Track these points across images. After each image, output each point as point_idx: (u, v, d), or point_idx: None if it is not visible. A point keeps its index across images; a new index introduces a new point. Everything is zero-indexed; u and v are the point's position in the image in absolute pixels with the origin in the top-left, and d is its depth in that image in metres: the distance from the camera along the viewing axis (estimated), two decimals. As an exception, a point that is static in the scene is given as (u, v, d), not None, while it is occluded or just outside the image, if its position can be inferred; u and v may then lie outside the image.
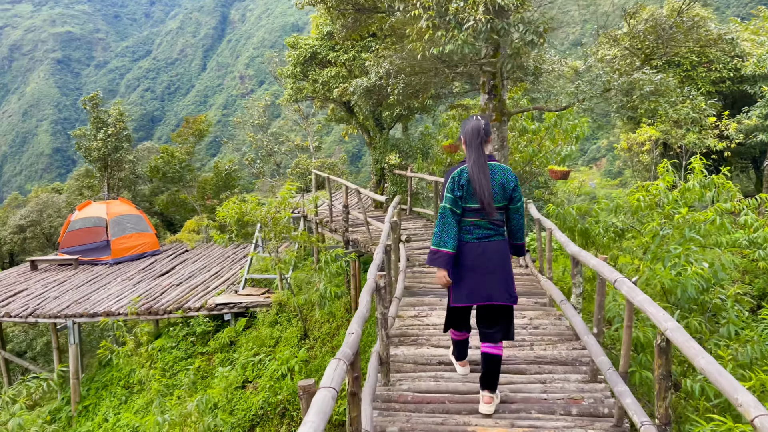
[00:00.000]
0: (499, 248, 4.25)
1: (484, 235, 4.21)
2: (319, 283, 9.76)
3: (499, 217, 4.24)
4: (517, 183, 4.26)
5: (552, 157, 12.82)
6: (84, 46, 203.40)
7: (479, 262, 4.18)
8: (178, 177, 19.92)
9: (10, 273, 15.46)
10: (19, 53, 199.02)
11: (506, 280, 4.28)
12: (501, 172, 4.21)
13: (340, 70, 11.98)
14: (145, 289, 13.37)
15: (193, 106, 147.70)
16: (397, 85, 10.01)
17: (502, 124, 8.94)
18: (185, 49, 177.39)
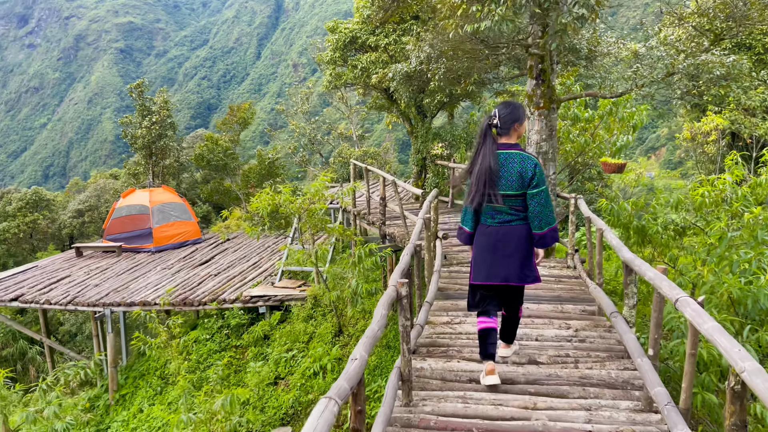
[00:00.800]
0: (519, 232, 4.42)
1: (505, 220, 4.42)
2: (352, 279, 9.31)
3: (519, 203, 4.38)
4: (537, 171, 4.32)
5: (606, 148, 11.93)
6: (145, 35, 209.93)
7: (498, 245, 4.43)
8: (222, 165, 19.86)
9: (56, 259, 15.74)
10: (84, 43, 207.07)
11: (523, 263, 4.44)
12: (520, 160, 4.31)
13: (380, 55, 11.42)
14: (183, 279, 13.28)
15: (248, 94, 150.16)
16: (437, 70, 9.38)
17: (551, 111, 8.21)
18: (240, 37, 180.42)
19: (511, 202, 4.36)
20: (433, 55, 9.66)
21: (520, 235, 4.41)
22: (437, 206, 8.14)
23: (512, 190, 4.31)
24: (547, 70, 8.05)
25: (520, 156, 4.33)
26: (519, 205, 4.38)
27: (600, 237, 6.12)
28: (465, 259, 8.44)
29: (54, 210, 35.12)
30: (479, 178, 4.29)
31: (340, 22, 12.51)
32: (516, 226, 4.41)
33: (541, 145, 8.22)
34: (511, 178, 4.29)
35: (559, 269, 8.00)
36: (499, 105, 4.49)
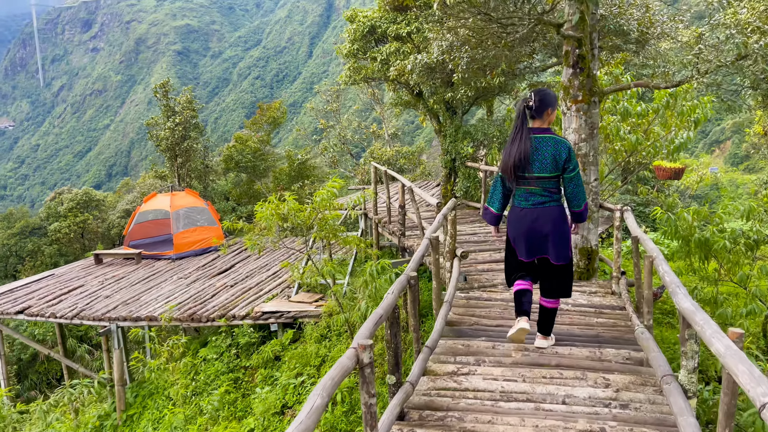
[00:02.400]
0: (554, 213, 4.63)
1: (539, 202, 4.61)
2: (361, 300, 8.19)
3: (553, 184, 4.61)
4: (570, 154, 4.56)
5: (663, 146, 10.36)
6: (201, 37, 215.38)
7: (534, 227, 4.62)
8: (251, 166, 19.16)
9: (74, 267, 15.31)
10: (144, 46, 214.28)
11: (559, 243, 4.66)
12: (554, 144, 4.54)
13: (400, 46, 10.26)
14: (197, 290, 12.50)
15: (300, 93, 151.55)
16: (460, 59, 8.13)
17: (592, 106, 6.84)
18: (293, 37, 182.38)
19: (544, 184, 4.58)
20: (456, 43, 8.41)
21: (555, 216, 4.63)
22: (455, 219, 6.92)
23: (546, 173, 4.53)
24: (586, 56, 6.68)
25: (553, 140, 4.57)
26: (553, 187, 4.62)
27: (650, 267, 4.77)
28: (490, 282, 7.19)
29: (104, 210, 35.59)
30: (515, 160, 4.48)
31: (359, 10, 11.41)
32: (549, 208, 4.62)
33: (579, 146, 6.87)
34: (545, 161, 4.51)
35: (602, 296, 6.64)
36: (533, 90, 4.67)
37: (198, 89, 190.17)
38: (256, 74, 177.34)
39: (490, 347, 5.19)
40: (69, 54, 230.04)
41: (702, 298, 7.61)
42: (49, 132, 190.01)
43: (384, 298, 4.08)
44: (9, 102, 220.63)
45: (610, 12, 7.46)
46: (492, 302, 6.45)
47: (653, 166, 7.98)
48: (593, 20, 6.69)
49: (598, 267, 7.21)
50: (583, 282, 7.06)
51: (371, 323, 3.51)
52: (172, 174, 19.38)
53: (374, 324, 3.55)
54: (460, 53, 8.21)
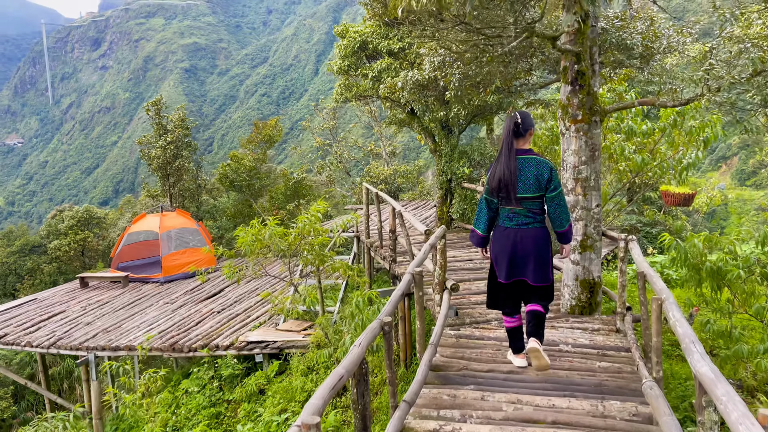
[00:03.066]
0: (537, 235, 4.68)
1: (523, 222, 4.67)
2: (346, 335, 7.61)
3: (536, 205, 4.65)
4: (552, 174, 4.60)
5: (670, 166, 9.78)
6: (208, 55, 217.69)
7: (518, 246, 4.66)
8: (246, 185, 18.68)
9: (57, 291, 14.78)
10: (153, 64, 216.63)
11: (541, 264, 4.71)
12: (536, 165, 4.59)
13: (392, 62, 9.78)
14: (182, 317, 11.93)
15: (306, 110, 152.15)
16: (452, 75, 7.61)
17: (592, 126, 6.29)
18: (299, 54, 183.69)
19: (528, 205, 4.63)
20: (448, 59, 7.92)
21: (537, 237, 4.68)
22: (444, 248, 6.35)
23: (530, 193, 4.58)
24: (586, 72, 6.15)
25: (535, 160, 4.62)
26: (536, 208, 4.67)
27: (659, 311, 4.18)
28: (483, 317, 6.60)
29: (105, 228, 35.29)
30: (500, 180, 4.55)
31: (350, 25, 10.96)
32: (533, 229, 4.68)
33: (579, 169, 6.31)
34: (528, 181, 4.56)
35: (605, 333, 6.03)
36: (516, 111, 4.70)
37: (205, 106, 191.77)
38: (262, 91, 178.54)
39: (478, 398, 4.59)
40: (78, 72, 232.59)
41: (716, 332, 7.01)
42: (58, 149, 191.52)
43: (349, 351, 3.51)
44: (18, 119, 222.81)
45: (611, 25, 6.94)
46: (484, 341, 5.86)
47: (660, 191, 7.39)
48: (593, 33, 6.17)
49: (601, 301, 6.61)
50: (585, 318, 6.46)
51: (326, 390, 2.95)
52: (164, 193, 18.92)
53: (330, 390, 2.98)
54: (452, 69, 7.71)
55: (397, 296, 4.49)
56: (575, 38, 6.05)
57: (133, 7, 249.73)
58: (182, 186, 18.85)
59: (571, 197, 6.47)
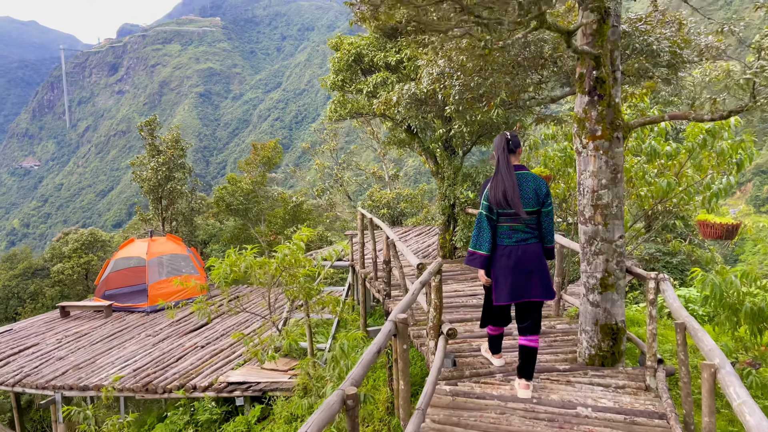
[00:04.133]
0: (536, 250, 4.72)
1: (522, 239, 4.68)
2: (329, 382, 6.62)
3: (533, 221, 4.71)
4: (548, 189, 4.74)
5: (697, 191, 8.77)
6: (223, 80, 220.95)
7: (520, 263, 4.64)
8: (242, 209, 17.86)
9: (35, 321, 13.89)
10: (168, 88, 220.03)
11: (543, 279, 4.70)
12: (532, 179, 4.69)
13: (389, 75, 8.95)
14: (162, 352, 10.98)
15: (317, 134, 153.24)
16: (451, 88, 6.72)
17: (614, 143, 5.34)
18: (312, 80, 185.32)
19: (527, 221, 4.66)
20: (448, 69, 7.04)
21: (537, 252, 4.71)
22: (440, 286, 5.37)
23: (529, 208, 4.63)
24: (606, 79, 5.22)
25: (532, 175, 4.71)
26: (533, 223, 4.71)
27: (712, 382, 3.15)
28: (486, 367, 5.58)
29: (109, 251, 34.65)
30: (505, 195, 4.52)
31: (345, 38, 10.17)
32: (532, 245, 4.70)
33: (599, 194, 5.34)
34: (528, 195, 4.62)
35: (632, 393, 4.98)
36: (505, 133, 4.72)
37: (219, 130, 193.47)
38: (275, 116, 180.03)
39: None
40: (95, 96, 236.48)
41: (760, 384, 5.95)
42: (73, 171, 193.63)
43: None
44: (36, 142, 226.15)
45: (634, 28, 6.03)
46: (486, 401, 4.84)
47: (697, 221, 6.40)
48: (614, 35, 5.25)
49: (624, 350, 5.58)
50: (607, 370, 5.42)
51: None
52: (157, 217, 18.15)
53: None
54: (452, 81, 6.82)
55: (371, 354, 3.51)
56: (594, 40, 5.13)
57: (150, 34, 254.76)
58: (175, 209, 18.04)
59: (590, 227, 5.49)
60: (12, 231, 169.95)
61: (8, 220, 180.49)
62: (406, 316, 4.20)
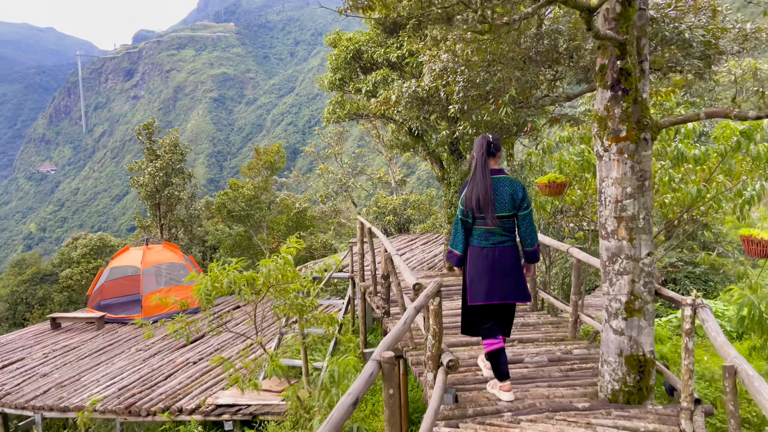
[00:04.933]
0: (513, 253, 4.77)
1: (499, 241, 4.72)
2: (317, 414, 5.91)
3: (510, 224, 4.75)
4: (525, 193, 4.74)
5: (727, 199, 7.95)
6: (237, 85, 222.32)
7: (496, 266, 4.69)
8: (244, 215, 17.25)
9: (24, 333, 13.32)
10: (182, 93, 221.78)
11: (520, 281, 4.76)
12: (509, 184, 4.71)
13: (389, 73, 8.26)
14: (152, 369, 10.35)
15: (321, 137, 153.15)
16: (455, 83, 6.02)
17: (641, 145, 4.59)
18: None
19: (504, 224, 4.70)
20: (452, 64, 6.33)
21: (513, 255, 4.77)
22: (439, 310, 4.65)
23: (505, 212, 4.68)
24: (632, 71, 4.48)
25: (508, 179, 4.74)
26: (510, 226, 4.76)
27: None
28: (493, 403, 4.85)
29: (116, 257, 34.21)
30: (479, 200, 4.59)
31: (343, 33, 9.49)
32: (508, 247, 4.75)
33: (623, 205, 4.60)
34: (503, 200, 4.66)
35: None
36: (485, 135, 4.78)
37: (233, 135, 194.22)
38: (288, 120, 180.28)
39: None
40: (111, 101, 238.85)
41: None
42: (89, 176, 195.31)
43: None
44: (52, 147, 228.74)
45: (663, 14, 5.28)
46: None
47: (740, 236, 5.65)
48: (641, 19, 4.52)
49: (653, 384, 4.81)
50: (634, 410, 4.66)
51: None
52: (155, 224, 17.58)
53: None
54: (455, 76, 6.10)
55: (344, 409, 2.79)
56: (617, 25, 4.40)
57: (165, 39, 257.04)
58: (174, 216, 17.45)
59: (612, 242, 4.74)
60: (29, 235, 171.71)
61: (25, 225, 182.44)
62: (392, 354, 3.48)
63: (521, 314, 7.38)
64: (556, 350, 6.12)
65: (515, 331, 6.66)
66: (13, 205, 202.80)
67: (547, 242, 7.02)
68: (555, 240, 6.43)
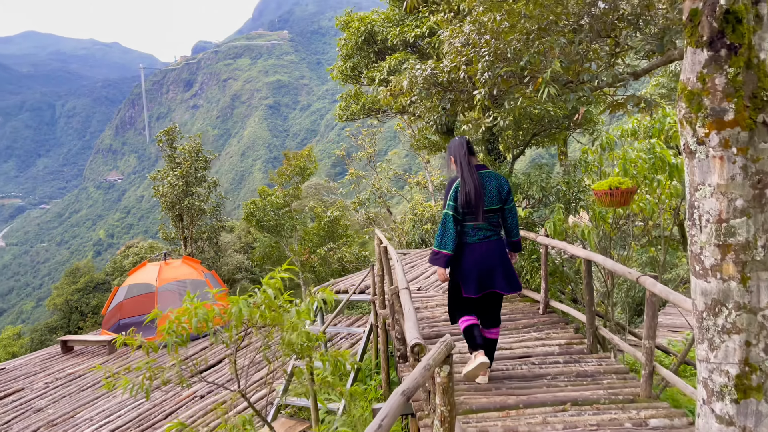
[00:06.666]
0: (500, 246, 4.97)
1: (486, 236, 4.90)
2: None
3: (495, 218, 4.94)
4: (510, 186, 4.96)
5: None
6: (291, 91, 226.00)
7: (485, 259, 4.86)
8: (273, 225, 16.10)
9: (33, 358, 12.48)
10: (239, 101, 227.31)
11: (509, 273, 4.95)
12: (494, 177, 4.90)
13: (406, 56, 6.77)
14: (153, 404, 9.22)
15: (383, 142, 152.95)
16: (477, 59, 4.47)
17: (757, 133, 2.90)
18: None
19: (490, 218, 4.88)
20: (475, 35, 4.78)
21: (501, 248, 4.95)
22: (450, 384, 3.13)
23: (492, 206, 4.84)
24: (743, 15, 2.82)
25: (494, 174, 4.91)
26: (495, 221, 4.94)
27: None
28: None
29: (165, 265, 34.04)
30: (470, 196, 4.69)
31: (356, 15, 8.03)
32: (495, 241, 4.93)
33: (731, 226, 2.93)
34: (491, 194, 4.82)
35: None
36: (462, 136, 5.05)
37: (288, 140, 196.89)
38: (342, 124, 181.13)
39: None
40: (172, 111, 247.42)
41: None
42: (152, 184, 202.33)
43: None
44: (119, 157, 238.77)
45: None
46: None
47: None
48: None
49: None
50: None
51: None
52: (178, 236, 16.68)
53: None
54: (479, 49, 4.55)
55: None
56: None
57: (222, 49, 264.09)
58: (198, 228, 16.48)
59: (713, 283, 3.07)
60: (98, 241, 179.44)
61: (95, 231, 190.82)
62: None
63: (577, 358, 5.71)
64: (625, 419, 4.46)
65: (566, 389, 5.03)
66: (83, 213, 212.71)
67: (609, 266, 5.35)
68: (622, 266, 4.77)
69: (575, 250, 5.77)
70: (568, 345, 5.95)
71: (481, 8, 4.87)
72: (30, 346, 33.54)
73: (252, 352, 6.59)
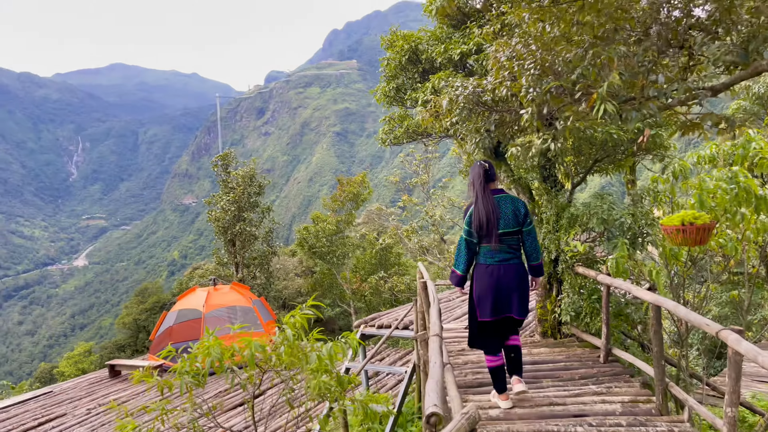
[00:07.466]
0: (518, 269, 4.91)
1: (504, 258, 4.86)
2: None
3: (515, 241, 4.91)
4: (527, 209, 4.92)
5: None
6: (358, 119, 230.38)
7: (502, 282, 4.83)
8: (326, 252, 15.76)
9: (80, 382, 12.45)
10: (308, 129, 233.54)
11: (524, 298, 4.90)
12: (511, 201, 4.90)
13: (451, 75, 6.22)
14: (188, 437, 8.84)
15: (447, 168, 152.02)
16: (523, 73, 3.89)
17: None
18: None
19: (508, 241, 4.86)
20: (521, 47, 4.21)
21: (518, 272, 4.88)
22: None
23: (509, 228, 4.84)
24: None
25: (510, 198, 4.92)
26: (515, 243, 4.92)
27: None
28: None
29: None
30: (485, 219, 4.76)
31: (401, 33, 7.57)
32: (513, 264, 4.87)
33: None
34: (507, 217, 4.84)
35: None
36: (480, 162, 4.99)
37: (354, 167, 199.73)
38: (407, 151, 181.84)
39: None
40: (245, 138, 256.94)
41: None
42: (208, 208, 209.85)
43: None
44: (194, 181, 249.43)
45: None
46: None
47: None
48: None
49: None
50: None
51: None
52: (231, 261, 16.62)
53: None
54: (524, 62, 3.97)
55: None
56: None
57: (293, 79, 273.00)
58: (250, 254, 16.35)
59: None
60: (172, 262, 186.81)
61: (169, 252, 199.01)
62: None
63: (644, 420, 4.86)
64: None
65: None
66: (159, 234, 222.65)
67: (681, 315, 4.53)
68: (698, 315, 3.98)
69: (641, 293, 4.98)
70: (632, 403, 5.11)
71: (529, 18, 4.30)
72: (98, 363, 34.60)
73: (276, 394, 6.11)
